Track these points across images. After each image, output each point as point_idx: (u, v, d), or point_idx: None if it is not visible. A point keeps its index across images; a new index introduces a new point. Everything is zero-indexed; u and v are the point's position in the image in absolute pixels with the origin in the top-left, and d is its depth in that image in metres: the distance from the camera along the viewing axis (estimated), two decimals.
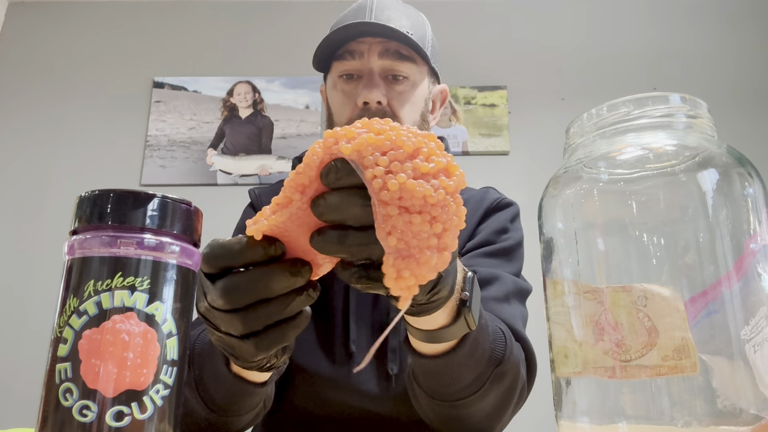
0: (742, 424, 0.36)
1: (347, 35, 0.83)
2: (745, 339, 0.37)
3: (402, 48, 0.84)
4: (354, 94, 0.84)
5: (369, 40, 0.83)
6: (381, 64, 0.84)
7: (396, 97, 0.84)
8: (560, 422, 0.44)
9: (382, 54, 0.83)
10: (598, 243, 0.43)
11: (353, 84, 0.85)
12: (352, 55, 0.84)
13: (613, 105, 0.45)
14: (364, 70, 0.84)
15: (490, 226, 0.87)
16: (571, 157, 0.47)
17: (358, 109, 0.83)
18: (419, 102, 0.87)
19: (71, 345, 0.32)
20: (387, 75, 0.84)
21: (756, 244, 0.39)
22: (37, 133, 2.38)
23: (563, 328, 0.44)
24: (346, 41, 0.84)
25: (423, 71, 0.87)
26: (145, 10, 2.53)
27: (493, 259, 0.83)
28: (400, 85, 0.84)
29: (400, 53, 0.84)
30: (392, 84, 0.84)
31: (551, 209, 0.47)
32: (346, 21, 0.84)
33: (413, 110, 0.86)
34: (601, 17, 2.51)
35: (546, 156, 2.22)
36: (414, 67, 0.85)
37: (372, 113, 0.81)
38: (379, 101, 0.82)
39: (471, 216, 0.88)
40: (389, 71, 0.84)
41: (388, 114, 0.83)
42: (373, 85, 0.82)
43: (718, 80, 2.39)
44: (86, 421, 0.31)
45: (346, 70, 0.85)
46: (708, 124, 0.44)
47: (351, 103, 0.84)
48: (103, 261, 0.33)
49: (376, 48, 0.83)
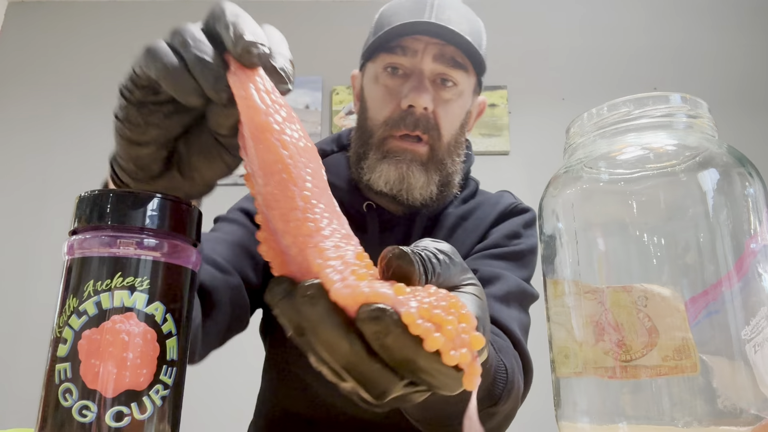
0: (742, 425, 0.36)
1: (403, 29, 0.77)
2: (746, 339, 0.37)
3: (458, 55, 0.79)
4: (398, 93, 0.79)
5: (426, 39, 0.78)
6: (433, 67, 0.78)
7: (441, 104, 0.79)
8: (560, 422, 0.44)
9: (437, 57, 0.78)
10: (598, 243, 0.43)
11: (399, 81, 0.79)
12: (404, 51, 0.79)
13: (613, 105, 0.44)
14: (414, 70, 0.79)
15: (501, 230, 0.84)
16: (571, 157, 0.47)
17: (400, 110, 0.78)
18: (462, 112, 0.83)
19: (71, 345, 0.32)
20: (436, 79, 0.79)
21: (756, 244, 0.39)
22: (37, 133, 2.38)
23: (563, 329, 0.44)
24: (401, 35, 0.78)
25: (471, 81, 0.83)
26: (145, 10, 2.53)
27: (500, 261, 0.80)
28: (448, 91, 0.80)
29: (455, 60, 0.79)
30: (440, 89, 0.79)
31: (551, 209, 0.47)
32: (402, 13, 0.79)
33: (456, 120, 0.82)
34: (601, 17, 2.51)
35: (546, 156, 2.22)
36: (465, 76, 0.81)
37: (416, 118, 0.77)
38: (426, 107, 0.77)
39: (483, 218, 0.86)
40: (439, 75, 0.79)
41: (431, 121, 0.78)
42: (423, 89, 0.77)
43: (718, 80, 2.39)
44: (86, 422, 0.31)
45: (393, 63, 0.79)
46: (708, 123, 0.44)
47: (393, 102, 0.79)
48: (103, 261, 0.33)
49: (432, 49, 0.78)
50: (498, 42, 2.56)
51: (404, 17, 0.78)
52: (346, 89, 2.41)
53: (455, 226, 0.85)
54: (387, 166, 0.78)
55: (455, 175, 0.83)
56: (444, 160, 0.80)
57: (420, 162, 0.78)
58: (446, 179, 0.81)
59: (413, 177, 0.77)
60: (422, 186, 0.78)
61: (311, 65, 2.45)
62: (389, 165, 0.78)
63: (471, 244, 0.84)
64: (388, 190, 0.78)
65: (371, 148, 0.80)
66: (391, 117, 0.78)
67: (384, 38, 0.78)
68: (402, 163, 0.77)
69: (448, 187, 0.82)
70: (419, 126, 0.77)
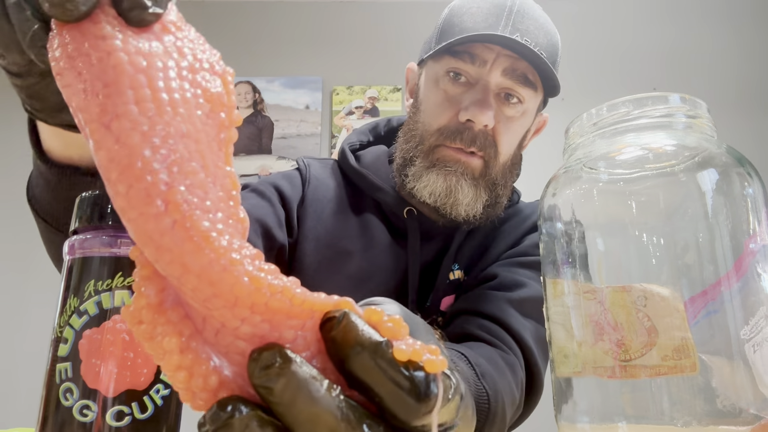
0: (741, 424, 0.36)
1: (476, 37, 0.71)
2: (745, 339, 0.37)
3: (530, 71, 0.73)
4: (458, 102, 0.73)
5: (498, 49, 0.72)
6: (501, 81, 0.73)
7: (504, 121, 0.74)
8: (560, 422, 0.44)
9: (507, 72, 0.72)
10: (597, 243, 0.43)
11: (461, 88, 0.74)
12: (473, 58, 0.72)
13: (612, 105, 0.45)
14: (480, 81, 0.73)
15: (532, 238, 0.81)
16: (570, 157, 0.47)
17: (457, 121, 0.72)
18: (523, 131, 0.78)
19: (72, 345, 0.32)
20: (501, 92, 0.74)
21: (755, 244, 0.39)
22: None
23: (563, 328, 0.44)
24: (472, 40, 0.71)
25: (538, 99, 0.77)
26: None
27: (526, 269, 0.76)
28: (512, 108, 0.74)
29: (526, 77, 0.73)
30: (503, 104, 0.74)
31: (551, 209, 0.47)
32: (477, 15, 0.72)
33: (515, 140, 0.77)
34: (600, 17, 2.51)
35: (546, 156, 2.22)
36: (532, 94, 0.75)
37: (473, 134, 0.72)
38: (486, 124, 0.72)
39: (516, 227, 0.83)
40: (505, 90, 0.73)
41: (489, 138, 0.73)
42: (486, 106, 0.71)
43: (718, 80, 2.39)
44: (86, 421, 0.31)
45: (458, 68, 0.73)
46: (707, 124, 0.44)
47: (452, 111, 0.73)
48: (104, 261, 0.33)
49: (503, 62, 0.72)
50: None
51: (478, 21, 0.72)
52: (346, 89, 2.41)
53: (487, 235, 0.82)
54: (435, 176, 0.73)
55: (504, 197, 0.78)
56: (496, 179, 0.76)
57: (471, 176, 0.73)
58: (494, 200, 0.77)
59: (461, 192, 0.73)
60: (469, 203, 0.73)
61: (311, 65, 2.45)
62: (438, 175, 0.73)
63: (502, 250, 0.81)
64: (432, 202, 0.74)
65: (419, 155, 0.75)
66: (447, 127, 0.73)
67: (452, 41, 0.72)
68: (452, 175, 0.73)
69: (495, 209, 0.78)
70: (476, 143, 0.72)
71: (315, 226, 0.79)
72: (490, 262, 0.80)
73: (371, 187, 0.81)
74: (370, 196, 0.82)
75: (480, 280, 0.77)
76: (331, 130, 2.38)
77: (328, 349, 0.22)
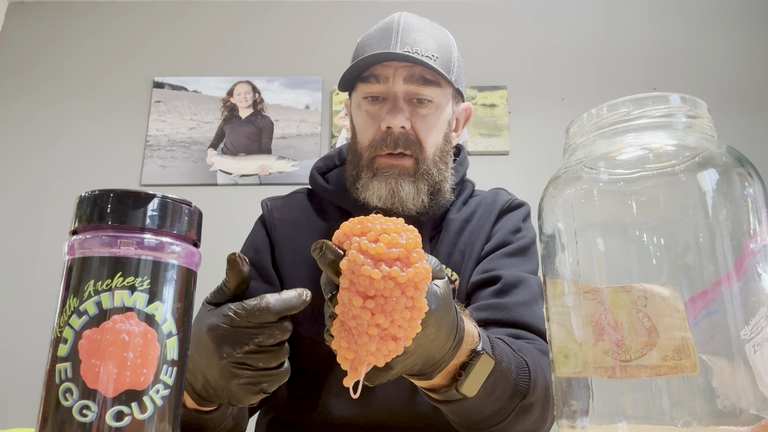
0: (742, 424, 0.36)
1: (373, 59, 0.83)
2: (745, 339, 0.37)
3: (427, 73, 0.84)
4: (378, 117, 0.85)
5: (395, 64, 0.84)
6: (406, 88, 0.84)
7: (420, 120, 0.85)
8: (560, 422, 0.44)
9: (407, 79, 0.84)
10: (598, 243, 0.43)
11: (378, 106, 0.86)
12: (377, 78, 0.85)
13: (613, 105, 0.45)
14: (389, 94, 0.85)
15: (504, 226, 0.90)
16: (571, 157, 0.47)
17: (381, 131, 0.84)
18: (443, 124, 0.88)
19: (71, 345, 0.32)
20: (412, 98, 0.85)
21: (756, 244, 0.39)
22: (37, 133, 2.38)
23: (563, 328, 0.44)
24: (372, 64, 0.85)
25: (448, 93, 0.88)
26: (145, 10, 2.53)
27: (513, 258, 0.86)
28: (424, 108, 0.85)
29: (425, 78, 0.84)
30: (417, 107, 0.85)
31: (551, 209, 0.47)
32: (372, 43, 0.86)
33: (436, 133, 0.87)
34: (600, 17, 2.51)
35: (546, 156, 2.22)
36: (439, 91, 0.86)
37: (395, 137, 0.83)
38: (402, 126, 0.83)
39: (485, 218, 0.91)
40: (414, 95, 0.85)
41: (411, 137, 0.84)
42: (397, 111, 0.83)
43: (718, 80, 2.39)
44: (86, 421, 0.31)
45: (371, 92, 0.86)
46: (708, 124, 0.44)
47: (375, 125, 0.85)
48: (103, 261, 0.33)
49: (402, 73, 0.84)
50: (498, 42, 2.56)
51: (373, 47, 0.84)
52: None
53: (461, 230, 0.90)
54: (378, 183, 0.84)
55: (445, 182, 0.89)
56: (430, 170, 0.86)
57: (408, 174, 0.85)
58: (436, 187, 0.87)
59: (403, 190, 0.83)
60: (413, 197, 0.84)
61: (311, 65, 2.45)
62: (379, 182, 0.84)
63: (480, 245, 0.89)
64: (382, 205, 0.84)
65: (362, 168, 0.87)
66: (375, 139, 0.85)
67: (356, 70, 0.85)
68: (390, 178, 0.84)
69: (439, 194, 0.88)
70: (399, 144, 0.84)
71: (293, 262, 0.89)
72: (475, 259, 0.88)
73: (337, 196, 0.92)
74: (338, 207, 0.92)
75: (480, 283, 0.84)
76: (331, 130, 2.38)
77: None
